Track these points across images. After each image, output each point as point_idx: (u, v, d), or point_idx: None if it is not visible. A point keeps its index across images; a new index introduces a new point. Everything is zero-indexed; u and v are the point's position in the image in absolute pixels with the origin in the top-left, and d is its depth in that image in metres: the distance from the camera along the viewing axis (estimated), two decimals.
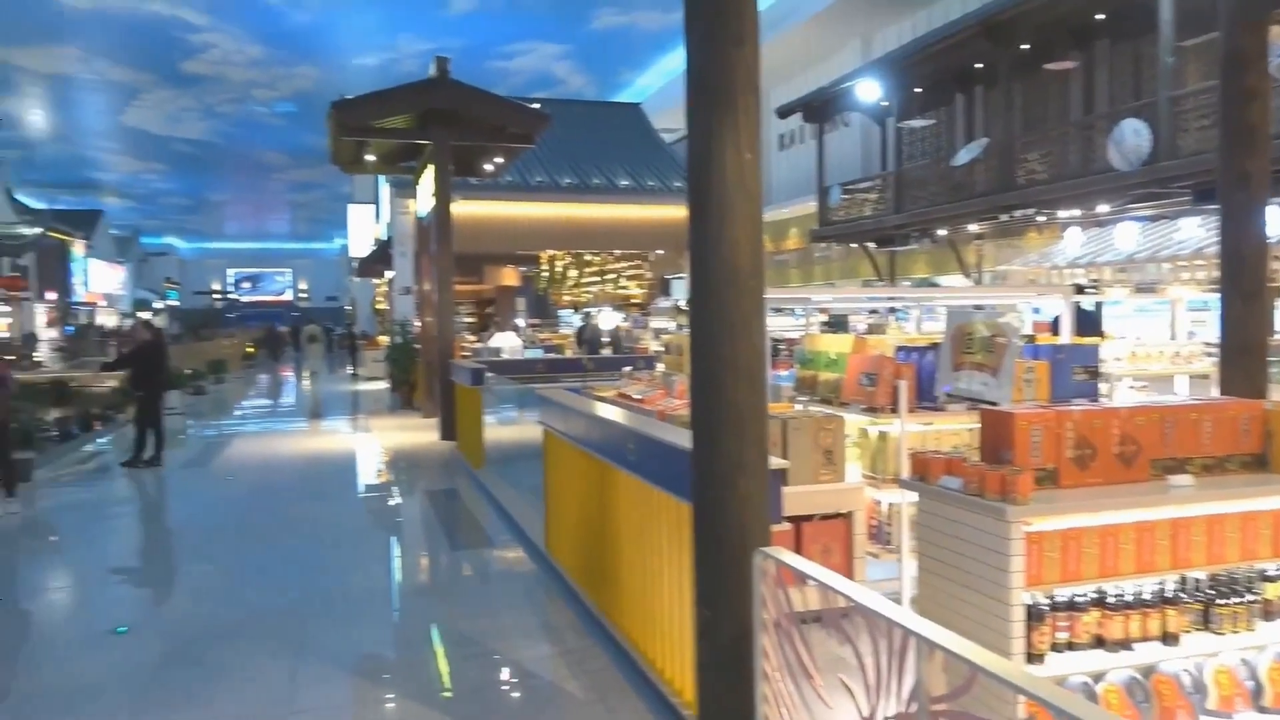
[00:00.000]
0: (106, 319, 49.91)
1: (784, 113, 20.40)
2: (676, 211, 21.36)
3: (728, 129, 3.09)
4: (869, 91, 17.25)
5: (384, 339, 26.42)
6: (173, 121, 45.09)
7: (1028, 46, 14.11)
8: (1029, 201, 13.94)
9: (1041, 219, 14.70)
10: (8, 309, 27.81)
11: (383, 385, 21.85)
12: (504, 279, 25.41)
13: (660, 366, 9.55)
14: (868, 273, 20.60)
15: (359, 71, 37.77)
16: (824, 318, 12.67)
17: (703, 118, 3.15)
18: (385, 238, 27.88)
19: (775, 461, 3.50)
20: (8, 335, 28.66)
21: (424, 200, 15.23)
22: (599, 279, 23.39)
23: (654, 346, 16.14)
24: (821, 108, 19.50)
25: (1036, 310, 9.54)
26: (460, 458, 11.26)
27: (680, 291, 23.79)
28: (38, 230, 21.91)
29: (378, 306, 36.36)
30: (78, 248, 48.34)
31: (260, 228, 77.12)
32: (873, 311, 12.71)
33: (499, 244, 20.62)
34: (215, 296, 79.29)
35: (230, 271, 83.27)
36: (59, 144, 47.81)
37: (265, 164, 53.80)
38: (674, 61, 35.48)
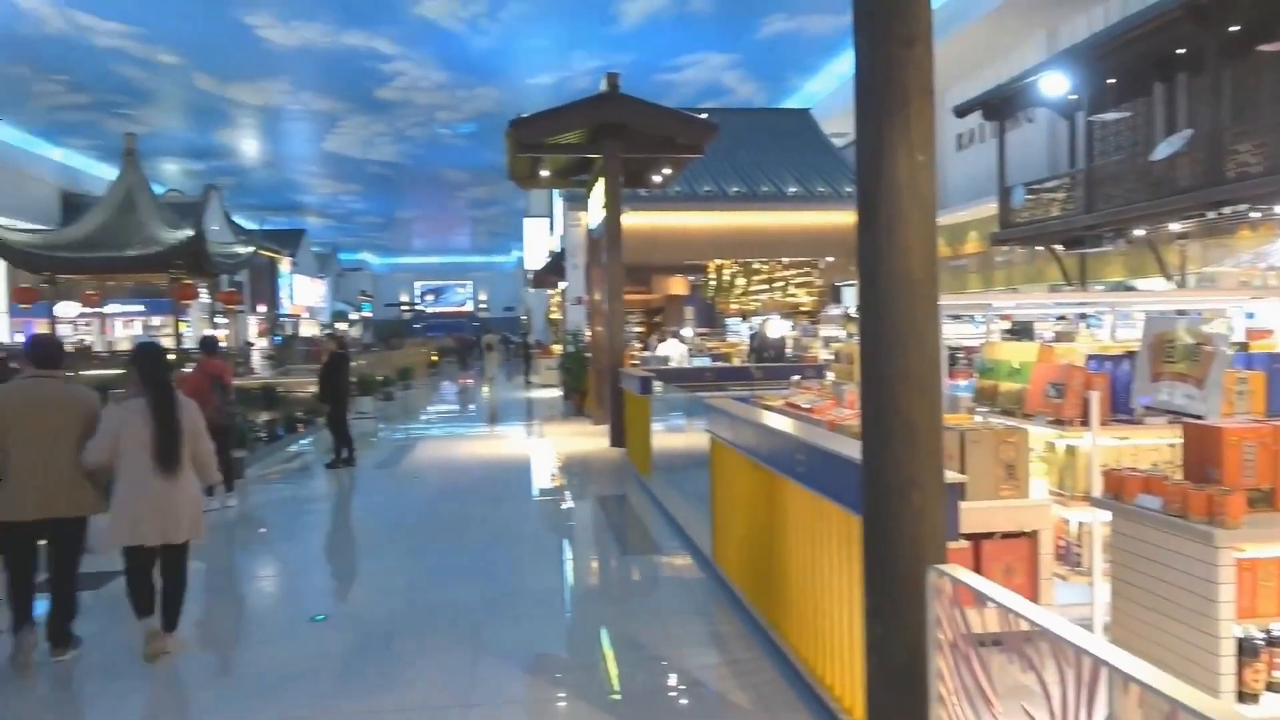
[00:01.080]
0: (308, 330, 54.08)
1: (962, 112, 19.58)
2: (847, 217, 21.03)
3: (899, 132, 3.00)
4: (1056, 85, 16.29)
5: (557, 348, 27.28)
6: (367, 145, 48.33)
7: (1238, 27, 12.91)
8: (1240, 197, 12.75)
9: (1255, 215, 13.40)
10: (226, 321, 30.64)
11: (555, 392, 22.57)
12: (672, 288, 25.68)
13: (830, 375, 9.36)
14: (1055, 277, 19.41)
15: (534, 90, 39.22)
16: (1006, 325, 12.04)
17: (871, 121, 3.08)
18: (558, 250, 28.80)
19: (951, 475, 3.35)
20: (226, 345, 31.58)
21: (595, 213, 15.62)
22: (767, 287, 23.21)
23: (823, 355, 15.84)
24: (1002, 104, 18.57)
25: (1250, 315, 8.69)
26: (629, 464, 11.45)
27: (851, 299, 23.25)
28: (251, 249, 24.02)
29: (551, 316, 37.60)
30: (284, 264, 52.69)
31: (444, 242, 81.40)
32: (1061, 318, 11.96)
33: (667, 254, 20.86)
34: (404, 308, 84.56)
35: (417, 284, 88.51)
36: (268, 170, 52.29)
37: (448, 182, 56.72)
38: (844, 65, 34.75)
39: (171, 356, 8.24)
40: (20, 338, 33.10)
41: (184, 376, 9.86)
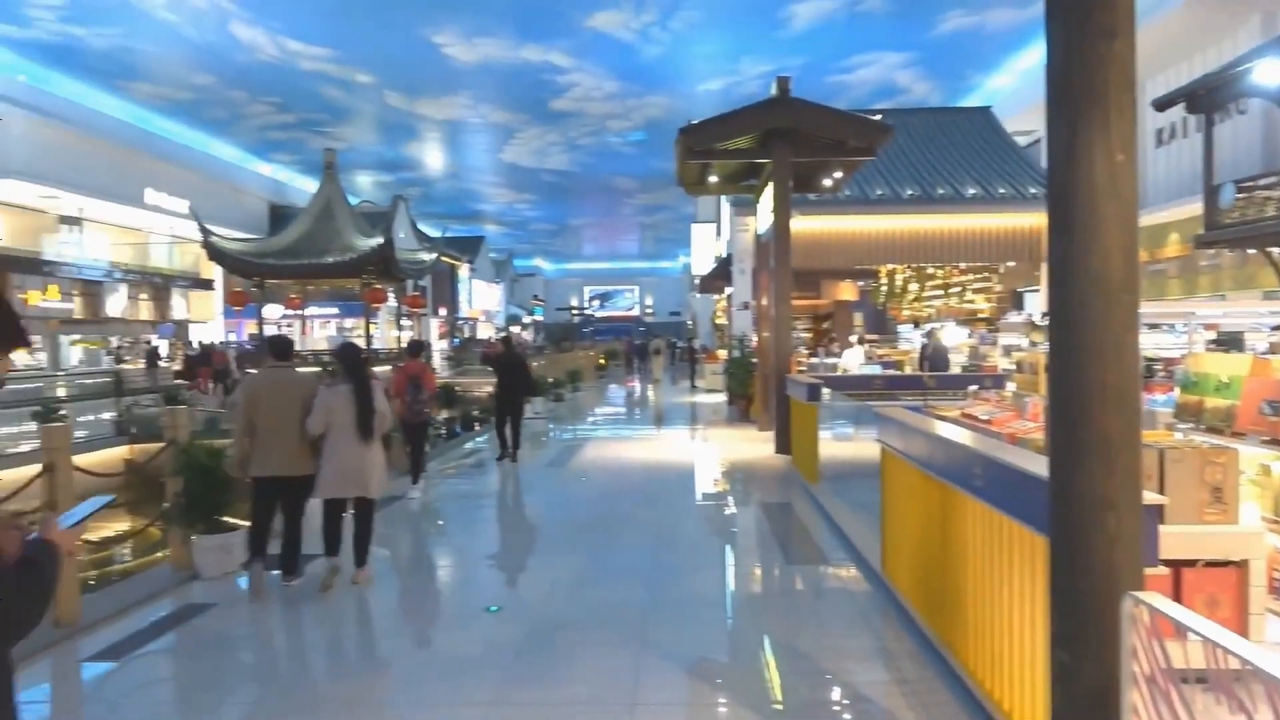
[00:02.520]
0: (485, 332, 56.58)
1: (1162, 105, 18.15)
2: (1030, 220, 19.97)
3: (1097, 130, 2.82)
4: (1273, 73, 14.84)
5: (722, 353, 27.31)
6: (541, 155, 50.09)
7: None
8: None
9: None
10: (410, 323, 32.54)
11: (720, 397, 22.59)
12: (841, 294, 25.17)
13: (1011, 386, 8.91)
14: (1269, 283, 17.66)
15: (703, 97, 39.45)
16: (1211, 335, 11.08)
17: (1066, 119, 2.90)
18: (725, 255, 28.82)
19: (1150, 497, 3.12)
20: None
21: (763, 218, 15.54)
22: (942, 293, 22.34)
23: (1003, 364, 15.10)
24: (1209, 96, 17.08)
25: None
26: (795, 472, 11.31)
27: (1033, 305, 22.02)
28: (434, 256, 25.40)
29: (717, 321, 37.69)
30: (463, 270, 55.36)
31: (612, 249, 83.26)
32: (1276, 328, 10.89)
33: (837, 259, 20.45)
34: (573, 312, 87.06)
35: (586, 289, 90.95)
36: (451, 180, 55.12)
37: (618, 189, 57.96)
38: (1028, 60, 32.98)
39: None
40: (233, 337, 36.40)
41: (393, 373, 10.92)
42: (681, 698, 4.54)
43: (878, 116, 14.29)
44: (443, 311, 50.65)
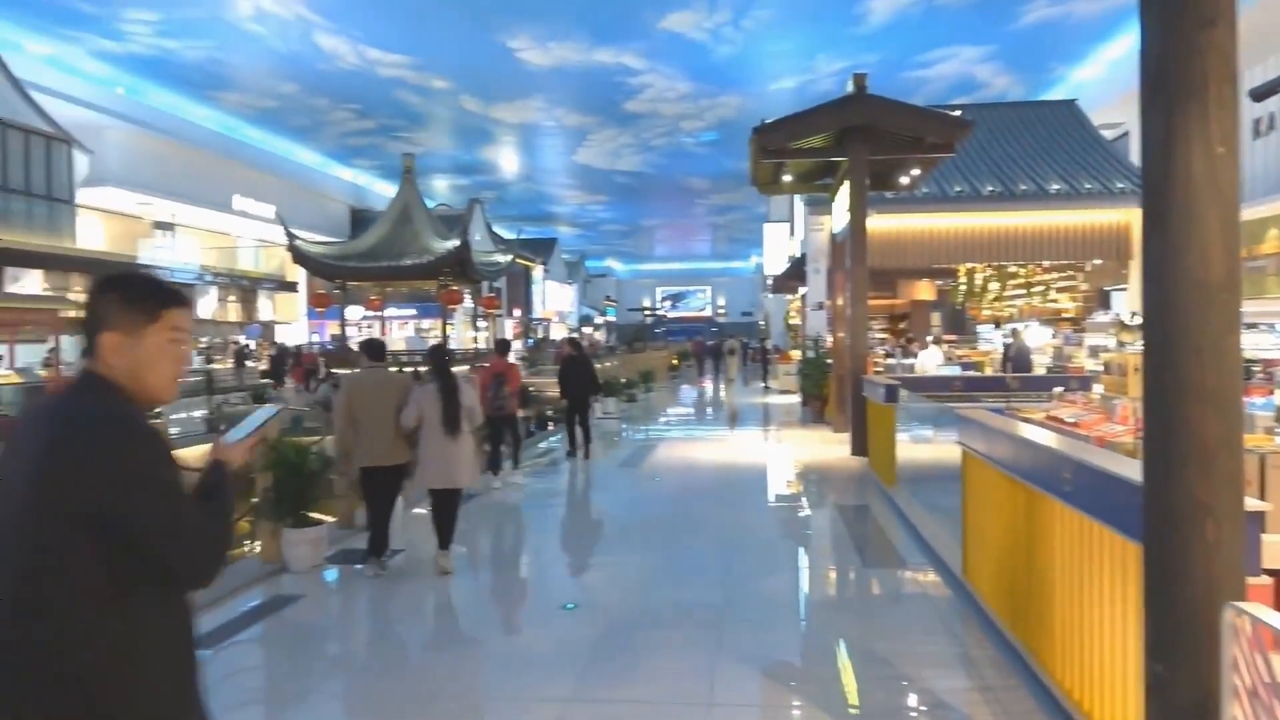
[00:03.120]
0: (558, 333, 57.13)
1: (1260, 95, 17.25)
2: (1118, 216, 19.31)
3: (1194, 122, 2.71)
4: None
5: (796, 353, 27.05)
6: (613, 157, 50.37)
7: None
8: None
9: None
10: (485, 324, 33.07)
11: (793, 398, 22.38)
12: (918, 293, 24.70)
13: (1098, 389, 8.63)
14: None
15: (776, 96, 39.15)
16: None
17: (1161, 112, 2.80)
18: (799, 255, 28.56)
19: (1252, 503, 2.99)
20: (485, 347, 33.97)
21: (839, 216, 15.35)
22: (1024, 292, 21.74)
23: (1089, 366, 14.63)
24: None
25: None
26: (871, 474, 11.15)
27: (1121, 305, 21.29)
28: (509, 257, 25.77)
29: (790, 321, 37.36)
30: (537, 271, 55.99)
31: (684, 249, 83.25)
32: None
33: (914, 258, 20.08)
34: (645, 313, 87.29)
35: (658, 290, 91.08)
36: (525, 183, 55.84)
37: (690, 190, 57.91)
38: (1115, 50, 31.90)
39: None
40: (316, 338, 37.49)
41: (479, 370, 11.91)
42: (757, 699, 4.53)
43: (957, 112, 13.96)
44: (517, 312, 51.33)
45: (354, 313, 26.78)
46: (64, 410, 1.85)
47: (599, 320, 77.37)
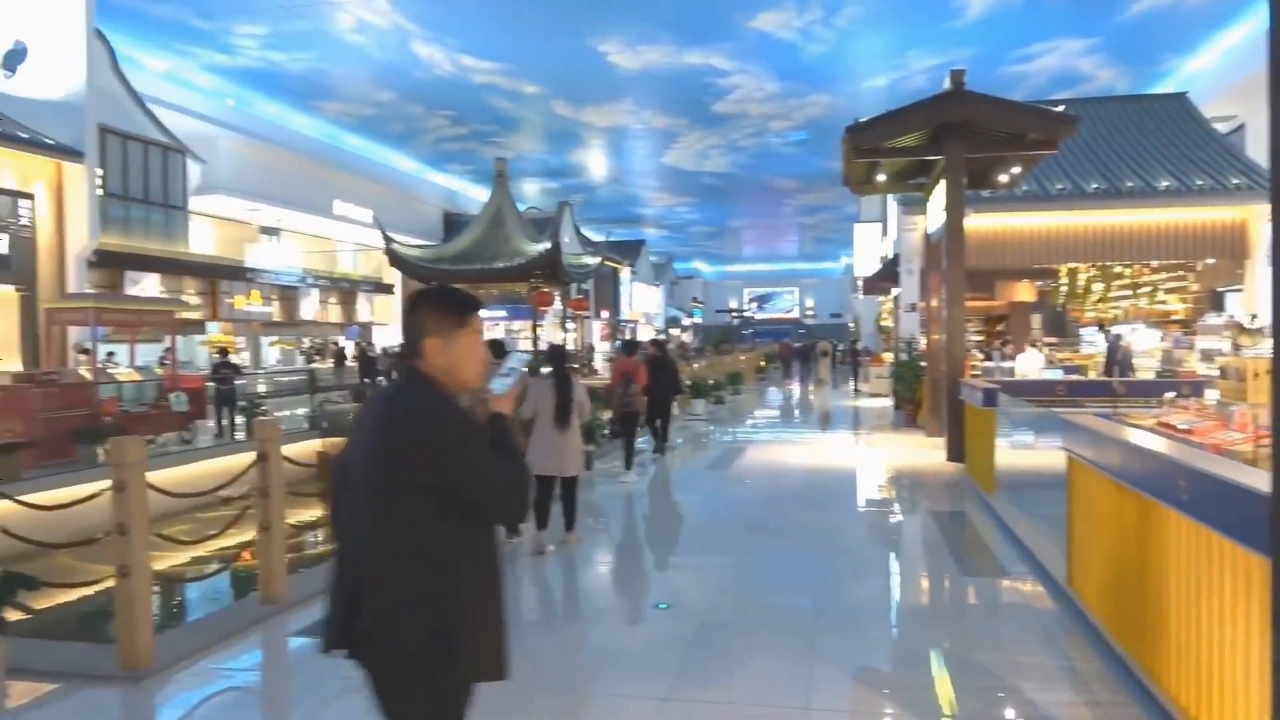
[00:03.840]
0: (645, 334, 57.32)
1: None
2: (1233, 213, 18.42)
3: None
4: None
5: (887, 355, 26.56)
6: (701, 158, 50.25)
7: None
8: None
9: None
10: (574, 326, 33.45)
11: (885, 402, 22.00)
12: (1016, 294, 23.93)
13: (1212, 394, 8.25)
14: None
15: (867, 94, 38.45)
16: None
17: None
18: (891, 255, 28.01)
19: None
20: (573, 347, 34.34)
21: (934, 216, 15.01)
22: (1130, 293, 20.87)
23: (1201, 370, 13.98)
24: None
25: None
26: (969, 480, 10.87)
27: (1236, 306, 20.24)
28: (598, 260, 26.01)
29: (881, 323, 36.69)
30: (625, 273, 56.34)
31: (772, 250, 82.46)
32: None
33: (1013, 258, 19.49)
34: (733, 314, 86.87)
35: (746, 291, 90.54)
36: (613, 186, 56.19)
37: (778, 190, 57.33)
38: (1230, 39, 30.30)
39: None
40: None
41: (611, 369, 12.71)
42: (848, 705, 4.48)
43: (1059, 107, 13.49)
44: (605, 314, 51.77)
45: None
46: (398, 401, 2.34)
47: (686, 322, 77.35)
